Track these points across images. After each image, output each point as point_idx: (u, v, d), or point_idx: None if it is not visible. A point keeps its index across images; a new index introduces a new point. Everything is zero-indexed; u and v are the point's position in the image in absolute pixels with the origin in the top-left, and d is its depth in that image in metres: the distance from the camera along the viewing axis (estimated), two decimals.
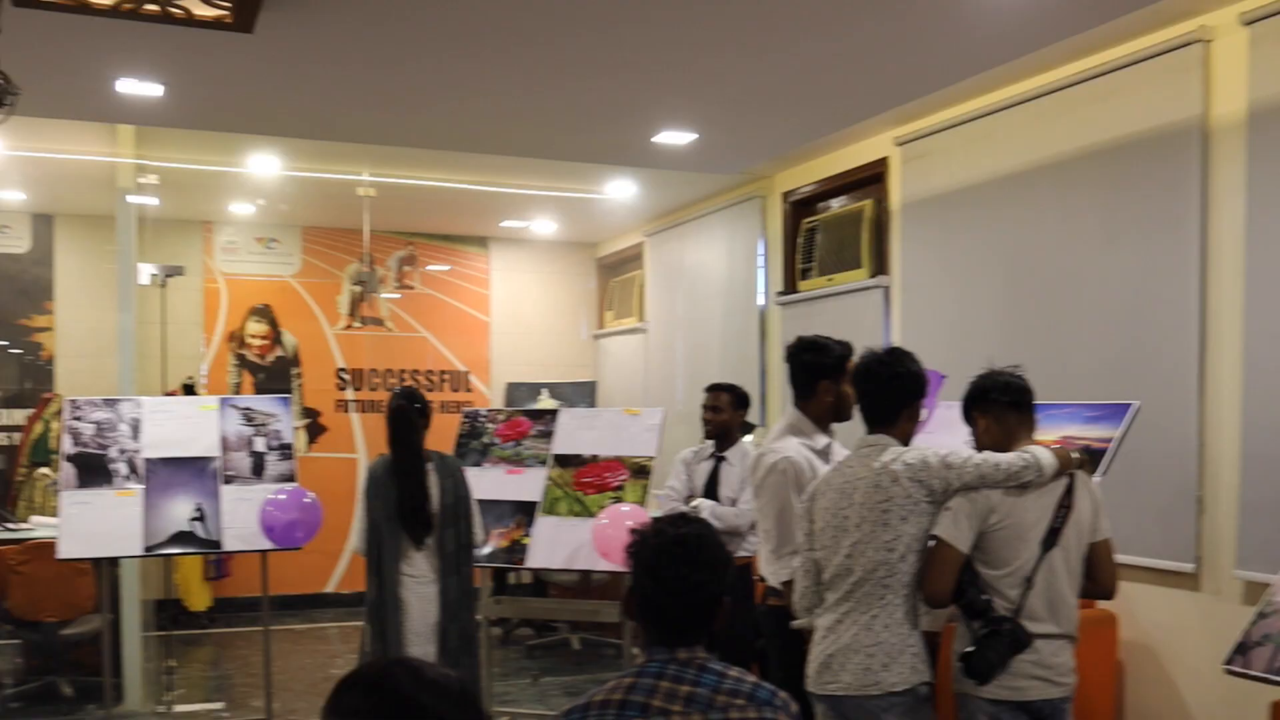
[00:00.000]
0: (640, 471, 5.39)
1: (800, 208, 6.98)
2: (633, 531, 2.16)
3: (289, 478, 5.63)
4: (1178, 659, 4.36)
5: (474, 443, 5.81)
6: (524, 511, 5.49)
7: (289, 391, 9.00)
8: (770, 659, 3.99)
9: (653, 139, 6.05)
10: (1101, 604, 4.06)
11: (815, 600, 3.29)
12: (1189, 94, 4.28)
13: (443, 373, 9.70)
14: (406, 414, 4.68)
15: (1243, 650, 2.99)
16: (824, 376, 3.80)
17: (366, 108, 5.51)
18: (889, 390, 3.27)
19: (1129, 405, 3.91)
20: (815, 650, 3.23)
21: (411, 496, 4.60)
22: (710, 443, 5.44)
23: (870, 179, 6.27)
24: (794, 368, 3.87)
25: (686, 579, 2.06)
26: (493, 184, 7.81)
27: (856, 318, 6.17)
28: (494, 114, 5.62)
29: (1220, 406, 4.20)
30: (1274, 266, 3.97)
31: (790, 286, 6.98)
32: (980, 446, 3.28)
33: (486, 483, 5.39)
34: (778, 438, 3.87)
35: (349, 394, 9.43)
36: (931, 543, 3.12)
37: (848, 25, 4.31)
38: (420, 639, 4.60)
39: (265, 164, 7.22)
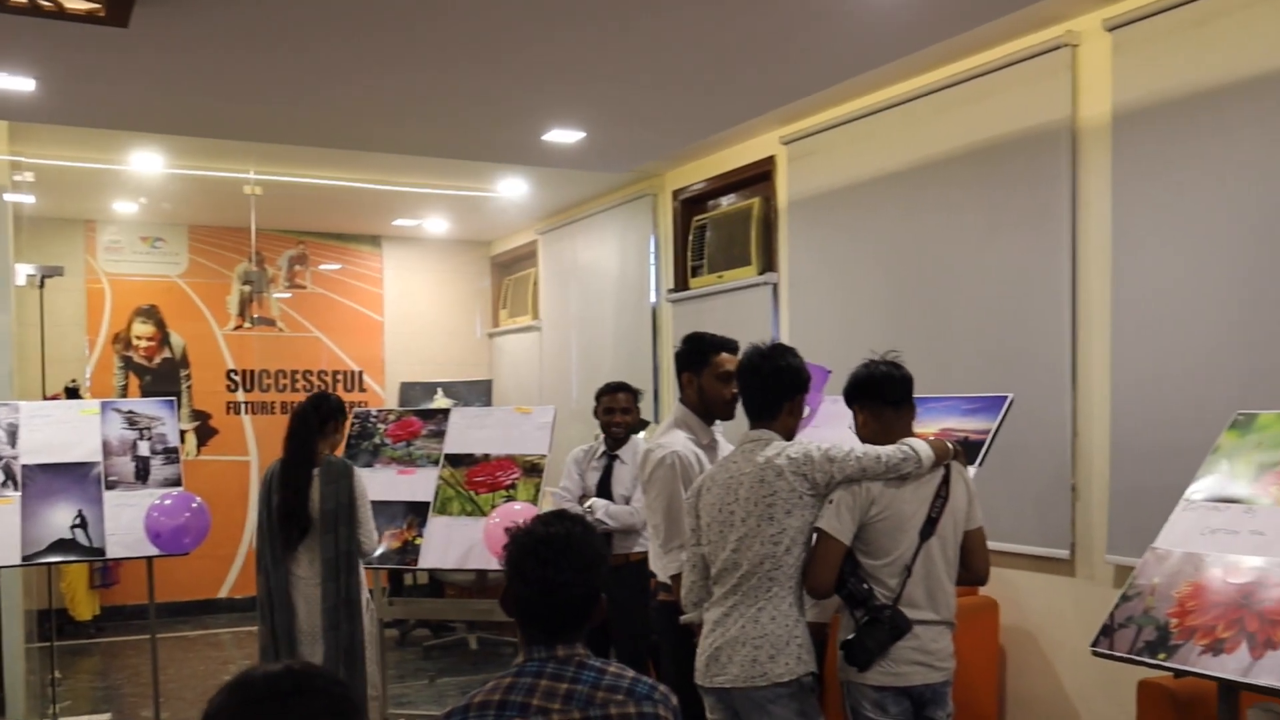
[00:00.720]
0: (532, 470, 5.39)
1: (690, 206, 7.05)
2: (506, 530, 2.14)
3: (175, 482, 5.51)
4: (1055, 643, 4.49)
5: (365, 443, 5.76)
6: (416, 512, 5.45)
7: (177, 394, 8.80)
8: (663, 653, 4.03)
9: (542, 137, 6.05)
10: (983, 591, 4.18)
11: (703, 594, 3.33)
12: (1058, 96, 4.42)
13: (336, 373, 9.57)
14: (304, 418, 4.66)
15: (1108, 632, 3.10)
16: (683, 369, 3.90)
17: (248, 104, 5.41)
18: (771, 385, 3.32)
19: (1004, 397, 4.02)
20: (704, 643, 3.26)
21: (286, 500, 4.57)
22: (601, 440, 5.45)
23: (758, 177, 6.35)
24: None
25: (551, 580, 2.05)
26: (384, 182, 7.73)
27: (746, 314, 6.25)
28: (380, 111, 5.57)
29: (1091, 398, 4.34)
30: (1137, 262, 4.12)
31: (681, 283, 7.04)
32: (861, 437, 3.34)
33: (378, 483, 5.34)
34: (665, 433, 3.92)
35: (240, 395, 9.26)
36: (814, 535, 3.18)
37: (729, 25, 4.36)
38: (309, 639, 4.59)
39: (148, 161, 7.04)
